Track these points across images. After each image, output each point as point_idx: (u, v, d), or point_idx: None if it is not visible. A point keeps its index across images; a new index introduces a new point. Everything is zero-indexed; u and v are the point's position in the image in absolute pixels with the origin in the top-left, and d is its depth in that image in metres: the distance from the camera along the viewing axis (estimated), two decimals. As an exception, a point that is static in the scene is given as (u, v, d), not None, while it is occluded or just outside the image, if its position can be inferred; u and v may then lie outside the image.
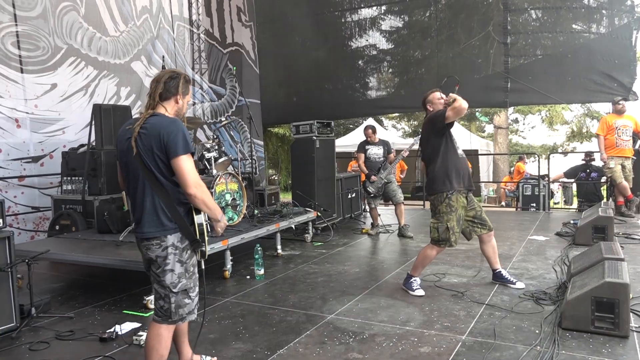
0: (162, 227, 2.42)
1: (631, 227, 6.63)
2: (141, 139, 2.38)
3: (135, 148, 2.37)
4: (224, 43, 10.43)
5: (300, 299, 4.13)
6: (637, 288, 3.95)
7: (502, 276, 4.28)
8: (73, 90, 7.31)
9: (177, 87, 2.51)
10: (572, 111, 19.58)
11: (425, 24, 10.39)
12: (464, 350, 3.01)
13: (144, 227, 2.44)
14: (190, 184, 2.34)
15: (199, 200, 2.38)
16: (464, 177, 4.05)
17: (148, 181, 2.40)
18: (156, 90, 2.47)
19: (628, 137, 7.40)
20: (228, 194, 5.42)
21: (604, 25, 8.96)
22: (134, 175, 2.45)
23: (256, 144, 10.05)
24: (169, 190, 2.42)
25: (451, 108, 3.81)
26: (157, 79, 2.51)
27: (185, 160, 2.35)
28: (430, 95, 4.17)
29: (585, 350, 2.93)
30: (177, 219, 2.42)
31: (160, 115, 2.45)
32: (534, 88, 9.05)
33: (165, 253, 2.43)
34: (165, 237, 2.42)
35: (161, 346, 2.48)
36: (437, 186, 4.02)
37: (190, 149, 2.39)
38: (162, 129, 2.36)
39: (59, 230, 5.71)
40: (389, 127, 20.82)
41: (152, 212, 2.42)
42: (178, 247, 2.45)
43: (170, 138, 2.34)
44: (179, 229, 2.44)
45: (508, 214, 9.16)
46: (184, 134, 2.39)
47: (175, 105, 2.53)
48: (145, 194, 2.42)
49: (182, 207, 2.46)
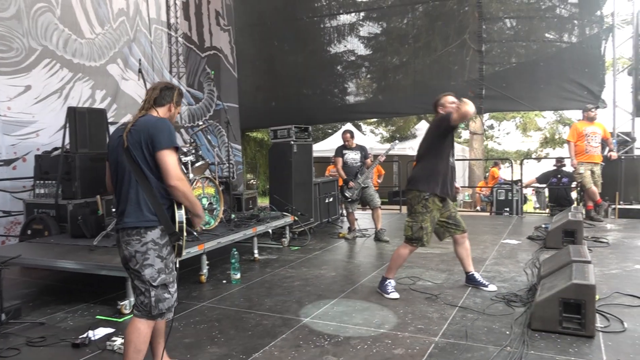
0: (143, 219, 2.49)
1: (600, 231, 6.82)
2: (131, 134, 2.51)
3: (126, 142, 2.50)
4: (202, 47, 10.39)
5: (276, 302, 4.15)
6: (603, 289, 4.07)
7: (474, 279, 4.37)
8: (47, 93, 7.20)
9: (172, 97, 2.71)
10: (545, 118, 20.07)
11: (402, 30, 10.53)
12: (437, 351, 3.06)
13: (126, 217, 2.52)
14: (172, 176, 2.45)
15: (180, 193, 2.49)
16: (445, 183, 4.09)
17: (134, 174, 2.50)
18: (152, 95, 2.65)
19: (597, 144, 7.61)
20: (205, 198, 5.41)
21: (575, 35, 9.23)
22: (122, 169, 2.55)
23: (234, 148, 10.03)
24: (154, 184, 2.52)
25: (456, 110, 3.84)
26: (154, 86, 2.70)
27: (169, 154, 2.47)
28: (443, 98, 4.18)
29: (553, 350, 3.01)
30: (158, 212, 2.51)
31: (150, 115, 2.61)
32: (508, 95, 9.24)
33: (144, 248, 2.49)
34: (146, 232, 2.49)
35: (139, 340, 2.53)
36: (419, 185, 4.06)
37: (174, 144, 2.51)
38: (150, 125, 2.51)
39: (31, 234, 5.61)
40: (367, 132, 20.94)
41: (136, 204, 2.50)
42: (158, 243, 2.52)
43: (156, 132, 2.48)
44: (159, 222, 2.50)
45: (482, 219, 9.32)
46: (170, 130, 2.53)
47: (167, 112, 2.70)
48: (131, 186, 2.52)
49: (165, 201, 2.55)
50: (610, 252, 5.59)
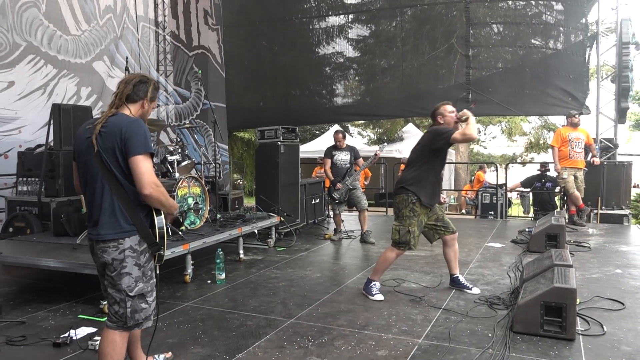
0: (120, 230, 2.35)
1: (582, 236, 6.92)
2: (102, 137, 2.33)
3: (96, 146, 2.32)
4: (190, 45, 10.34)
5: (261, 303, 4.14)
6: (584, 293, 4.13)
7: (459, 282, 4.40)
8: (31, 89, 7.11)
9: (147, 92, 2.49)
10: (530, 123, 20.29)
11: (391, 33, 10.58)
12: (420, 353, 3.08)
13: (100, 229, 2.37)
14: (145, 184, 2.29)
15: (155, 200, 2.35)
16: (433, 195, 4.10)
17: (107, 182, 2.35)
18: (124, 91, 2.43)
19: (580, 149, 7.72)
20: (190, 197, 5.38)
21: (561, 42, 9.34)
22: (93, 175, 2.38)
23: (221, 148, 9.99)
24: (129, 191, 2.36)
25: (462, 133, 3.77)
26: (126, 80, 2.47)
27: (143, 160, 2.30)
28: (442, 107, 4.11)
29: (534, 352, 3.05)
30: (135, 222, 2.37)
31: (122, 115, 2.40)
32: (493, 100, 9.34)
33: (122, 256, 2.36)
34: (123, 239, 2.36)
35: (115, 353, 2.41)
36: (408, 189, 4.03)
37: (149, 149, 2.35)
38: (123, 127, 2.32)
39: (13, 232, 5.53)
40: (355, 134, 21.00)
41: (111, 214, 2.35)
42: (136, 250, 2.39)
43: (131, 136, 2.30)
44: (137, 232, 2.38)
45: (467, 222, 9.40)
46: (145, 133, 2.35)
47: (140, 110, 2.51)
48: (104, 194, 2.36)
49: (142, 209, 2.41)
50: (592, 256, 5.67)
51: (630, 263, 5.36)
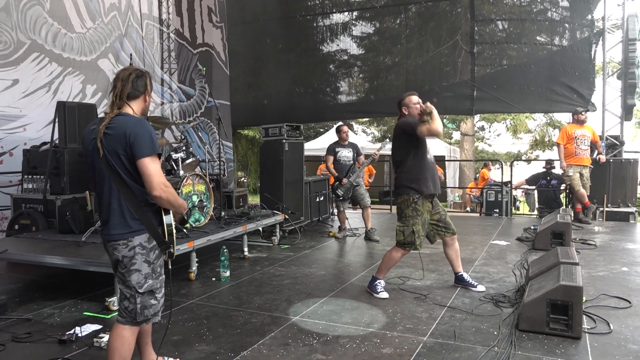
0: (129, 229, 2.39)
1: (587, 233, 6.89)
2: (107, 140, 2.34)
3: (102, 149, 2.33)
4: (194, 43, 10.34)
5: (265, 301, 4.14)
6: (590, 291, 4.11)
7: (463, 279, 4.39)
8: (36, 87, 7.12)
9: (145, 85, 2.50)
10: (535, 120, 20.19)
11: (395, 30, 10.55)
12: (425, 351, 3.07)
13: (110, 229, 2.41)
14: (154, 186, 2.31)
15: (165, 202, 2.37)
16: (432, 181, 4.10)
17: (114, 183, 2.37)
18: (123, 90, 2.42)
19: (586, 147, 7.67)
20: (195, 195, 5.38)
21: (566, 38, 9.29)
22: (100, 176, 2.41)
23: (225, 146, 9.99)
24: (136, 191, 2.38)
25: (427, 128, 3.79)
26: (122, 78, 2.44)
27: (151, 162, 2.32)
28: (407, 98, 4.13)
29: (540, 350, 3.04)
30: (144, 221, 2.40)
31: (126, 115, 2.40)
32: (498, 97, 9.31)
33: (132, 253, 2.40)
34: (133, 237, 2.39)
35: (124, 348, 2.44)
36: (405, 190, 4.07)
37: (156, 150, 2.36)
38: (128, 130, 2.32)
39: (19, 229, 5.54)
40: (359, 132, 20.97)
41: (119, 214, 2.38)
42: (145, 247, 2.42)
43: (137, 139, 2.31)
44: (146, 231, 2.41)
45: (472, 219, 9.37)
46: (151, 134, 2.36)
47: (142, 104, 2.52)
48: (112, 195, 2.39)
49: (150, 208, 2.43)
50: (598, 254, 5.64)
51: (636, 261, 5.33)
